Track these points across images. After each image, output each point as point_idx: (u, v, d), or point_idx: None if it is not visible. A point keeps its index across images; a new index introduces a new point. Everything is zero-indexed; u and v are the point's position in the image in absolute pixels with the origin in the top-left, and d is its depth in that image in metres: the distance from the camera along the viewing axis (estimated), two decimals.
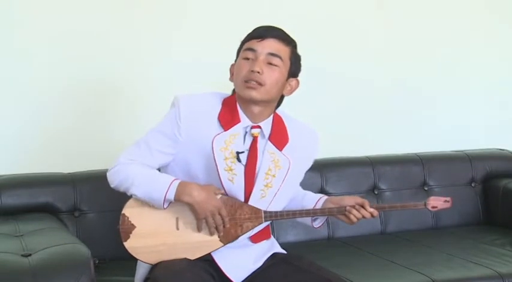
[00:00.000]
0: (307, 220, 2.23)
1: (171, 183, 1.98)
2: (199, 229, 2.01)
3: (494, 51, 3.60)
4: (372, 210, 2.12)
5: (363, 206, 2.11)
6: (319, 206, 2.19)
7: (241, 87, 2.05)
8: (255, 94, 2.02)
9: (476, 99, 3.58)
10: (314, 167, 2.30)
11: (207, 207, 1.98)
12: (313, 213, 2.17)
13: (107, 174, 2.08)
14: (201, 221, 2.00)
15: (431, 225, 3.10)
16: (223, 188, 2.04)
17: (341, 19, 3.30)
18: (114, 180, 2.05)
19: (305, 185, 2.32)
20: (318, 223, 2.23)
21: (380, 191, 3.06)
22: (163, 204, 1.98)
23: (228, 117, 2.06)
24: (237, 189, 2.05)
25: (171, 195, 1.97)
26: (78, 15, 2.89)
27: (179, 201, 1.98)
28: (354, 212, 2.11)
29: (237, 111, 2.07)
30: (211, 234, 2.02)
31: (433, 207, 2.19)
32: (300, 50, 2.12)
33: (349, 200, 2.14)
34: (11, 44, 2.83)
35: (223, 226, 2.02)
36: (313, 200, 2.23)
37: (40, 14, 2.84)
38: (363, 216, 2.12)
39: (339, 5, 3.30)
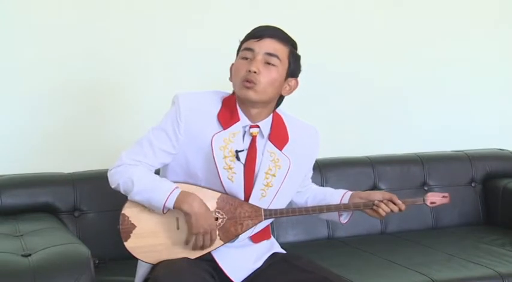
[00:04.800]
0: (334, 217, 2.22)
1: (171, 192, 1.97)
2: (187, 242, 2.01)
3: (494, 51, 3.60)
4: (400, 203, 2.14)
5: (391, 200, 2.13)
6: (344, 202, 2.19)
7: (239, 87, 2.05)
8: (251, 94, 2.02)
9: (476, 99, 3.58)
10: (314, 167, 2.30)
11: (204, 223, 1.98)
12: (312, 210, 2.17)
13: (108, 173, 2.07)
14: (192, 235, 2.00)
15: (431, 225, 3.10)
16: (223, 186, 2.04)
17: (341, 18, 3.31)
18: (115, 181, 2.05)
19: None
20: (344, 218, 2.23)
21: (379, 191, 3.05)
22: (163, 211, 1.99)
23: (227, 116, 2.06)
24: (236, 188, 2.05)
25: (170, 204, 1.97)
26: (78, 15, 2.89)
27: (178, 209, 1.98)
28: (383, 206, 2.12)
29: (237, 110, 2.07)
30: (192, 249, 2.01)
31: (431, 202, 2.21)
32: (300, 50, 2.12)
33: (377, 195, 2.16)
34: (11, 43, 2.83)
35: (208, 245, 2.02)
36: (337, 197, 2.23)
37: (39, 12, 2.84)
38: (391, 211, 2.14)
39: (339, 4, 3.30)
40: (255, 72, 2.00)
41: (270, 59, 2.03)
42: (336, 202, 2.20)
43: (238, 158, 2.04)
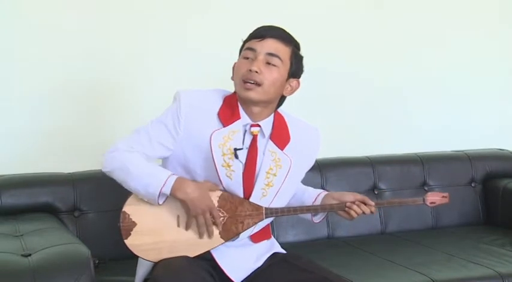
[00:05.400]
0: (307, 215, 2.24)
1: (168, 178, 1.97)
2: (188, 227, 2.01)
3: (494, 51, 3.60)
4: (372, 203, 2.14)
5: (363, 202, 2.13)
6: (318, 201, 2.20)
7: (239, 87, 2.05)
8: (252, 95, 2.02)
9: (476, 99, 3.59)
10: (314, 166, 2.30)
11: (200, 205, 1.98)
12: (313, 209, 2.18)
13: (102, 158, 2.05)
14: (192, 218, 2.00)
15: (431, 225, 3.11)
16: (222, 184, 2.04)
17: (340, 19, 3.31)
18: (109, 165, 2.03)
19: (305, 184, 2.31)
20: (318, 218, 2.24)
21: (380, 191, 3.06)
22: (158, 199, 1.98)
23: (228, 113, 2.06)
24: (235, 185, 2.05)
25: (166, 190, 1.96)
26: (78, 14, 2.89)
27: (174, 196, 1.98)
28: (355, 207, 2.12)
29: (238, 108, 2.07)
30: (200, 234, 2.01)
31: (431, 202, 2.22)
32: (301, 50, 2.12)
33: (349, 196, 2.15)
34: (11, 44, 2.83)
35: (217, 227, 2.02)
36: (312, 195, 2.24)
37: (39, 13, 2.84)
38: (363, 212, 2.13)
39: (338, 5, 3.30)
40: (256, 72, 2.00)
41: (271, 59, 2.03)
42: (310, 202, 2.21)
43: (236, 156, 2.04)
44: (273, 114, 2.13)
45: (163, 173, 1.99)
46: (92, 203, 2.63)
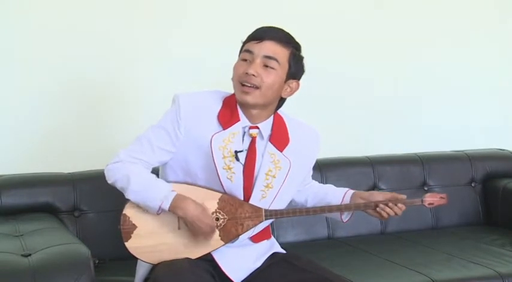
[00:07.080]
0: (335, 215, 2.22)
1: (166, 195, 1.97)
2: (195, 241, 2.02)
3: (494, 51, 3.60)
4: (403, 197, 2.14)
5: (393, 199, 2.13)
6: (346, 201, 2.19)
7: (237, 89, 2.05)
8: (249, 99, 2.02)
9: (476, 99, 3.59)
10: (314, 166, 2.30)
11: (201, 225, 1.98)
12: (313, 211, 2.18)
13: (105, 168, 2.07)
14: (197, 237, 2.00)
15: (431, 225, 3.10)
16: (223, 186, 2.04)
17: (340, 19, 3.31)
18: (111, 177, 2.04)
19: None
20: (345, 217, 2.22)
21: (380, 191, 3.05)
22: (158, 212, 1.99)
23: (227, 116, 2.05)
24: (236, 188, 2.05)
25: (165, 207, 1.97)
26: (78, 15, 2.90)
27: (174, 213, 1.98)
28: (387, 210, 2.12)
29: (237, 110, 2.06)
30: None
31: (429, 203, 2.23)
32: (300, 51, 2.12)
33: (379, 196, 2.16)
34: (11, 44, 2.83)
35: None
36: (338, 195, 2.23)
37: (39, 13, 2.84)
38: (395, 213, 2.13)
39: (338, 5, 3.30)
40: (253, 75, 2.00)
41: (268, 62, 2.01)
42: (337, 202, 2.20)
43: (237, 158, 2.03)
44: (272, 116, 2.12)
45: (163, 188, 1.99)
46: (92, 203, 2.63)
